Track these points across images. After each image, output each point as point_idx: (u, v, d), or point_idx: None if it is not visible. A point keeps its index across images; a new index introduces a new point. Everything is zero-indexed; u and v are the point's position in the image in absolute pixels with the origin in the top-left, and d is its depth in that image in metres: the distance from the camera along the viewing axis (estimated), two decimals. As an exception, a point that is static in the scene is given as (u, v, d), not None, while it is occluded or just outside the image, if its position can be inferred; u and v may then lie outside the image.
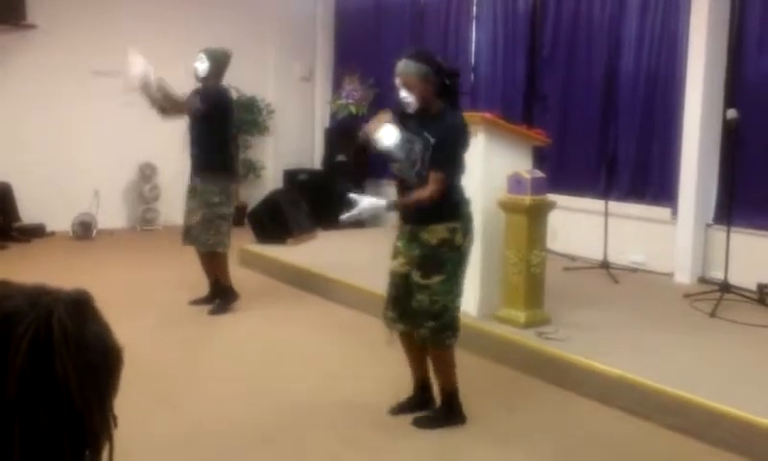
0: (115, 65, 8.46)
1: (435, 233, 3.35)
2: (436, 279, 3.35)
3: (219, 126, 5.23)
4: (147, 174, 8.78)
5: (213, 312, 5.38)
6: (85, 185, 8.29)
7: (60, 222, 8.11)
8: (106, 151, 8.49)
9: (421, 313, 3.40)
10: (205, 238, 5.29)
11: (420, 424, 3.55)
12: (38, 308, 0.90)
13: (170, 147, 8.84)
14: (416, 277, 3.40)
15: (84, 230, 8.20)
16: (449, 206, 3.37)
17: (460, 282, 3.45)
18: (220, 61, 5.30)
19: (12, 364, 0.87)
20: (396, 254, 3.53)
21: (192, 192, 5.40)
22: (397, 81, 3.37)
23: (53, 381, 0.88)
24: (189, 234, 5.37)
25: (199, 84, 5.34)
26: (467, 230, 3.42)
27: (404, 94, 3.35)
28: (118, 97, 8.46)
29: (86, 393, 0.90)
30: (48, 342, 0.88)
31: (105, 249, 7.73)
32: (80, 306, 0.95)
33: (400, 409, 3.66)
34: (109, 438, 0.95)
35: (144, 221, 8.83)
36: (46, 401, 0.87)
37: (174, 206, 8.76)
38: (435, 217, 3.35)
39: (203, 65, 5.24)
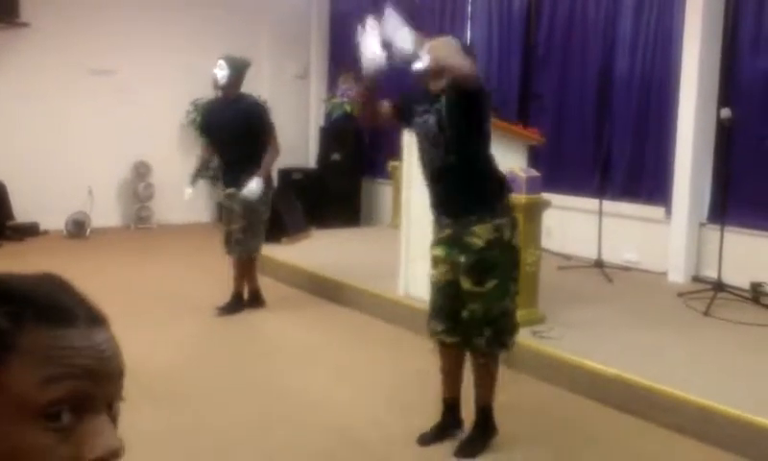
0: (109, 64, 8.49)
1: (480, 235, 3.09)
2: (489, 284, 3.10)
3: (260, 136, 5.30)
4: (141, 172, 8.76)
5: (223, 312, 5.36)
6: (79, 184, 8.27)
7: (53, 220, 8.09)
8: (100, 149, 8.48)
9: (476, 322, 3.14)
10: (252, 244, 5.33)
11: (462, 453, 3.26)
12: None
13: (164, 145, 8.85)
14: (466, 285, 3.13)
15: (78, 228, 8.18)
16: (492, 197, 3.12)
17: (516, 281, 3.22)
18: (240, 69, 5.29)
19: None
20: (435, 263, 3.27)
21: (231, 199, 5.34)
22: (430, 59, 3.05)
23: None
24: (231, 242, 5.36)
25: (218, 92, 5.34)
26: (515, 223, 3.19)
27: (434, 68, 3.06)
28: (115, 95, 8.49)
29: None
30: None
31: (99, 247, 7.71)
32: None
33: (433, 438, 3.38)
34: None
35: (138, 219, 8.81)
36: None
37: (168, 204, 8.76)
38: (477, 215, 3.11)
39: (222, 73, 5.20)
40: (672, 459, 3.35)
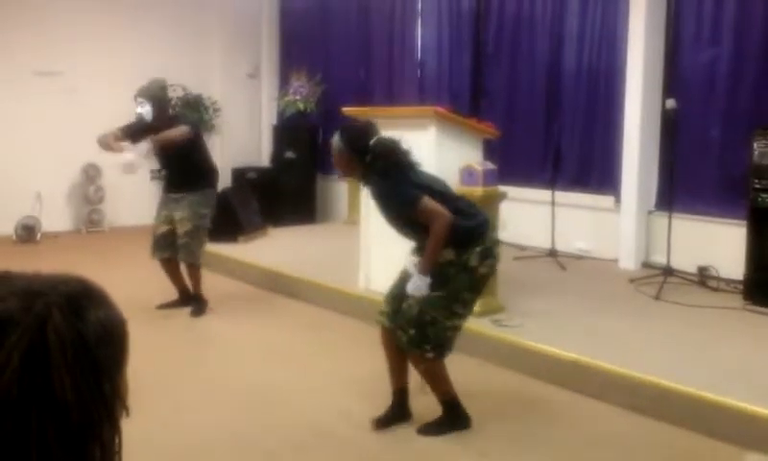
0: (56, 65, 8.32)
1: (443, 256, 3.26)
2: (435, 293, 3.26)
3: (192, 147, 5.26)
4: (91, 175, 8.61)
5: (195, 314, 5.36)
6: (27, 188, 8.10)
7: (2, 225, 7.91)
8: (48, 152, 8.30)
9: (406, 318, 3.32)
10: (196, 249, 5.31)
11: (425, 432, 3.43)
12: (32, 315, 0.85)
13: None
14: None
15: (28, 233, 8.01)
16: (458, 235, 3.25)
17: (462, 303, 3.33)
18: (160, 98, 5.25)
19: (3, 374, 0.82)
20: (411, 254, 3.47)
21: (171, 202, 5.33)
22: None
23: (50, 393, 0.83)
24: (166, 245, 5.33)
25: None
26: (487, 255, 3.31)
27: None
28: (62, 96, 8.32)
29: (86, 397, 0.85)
30: (44, 353, 0.83)
31: (50, 252, 7.56)
32: (76, 302, 0.90)
33: (385, 422, 3.51)
34: (118, 431, 0.92)
35: (90, 223, 8.66)
36: (42, 412, 0.82)
37: (119, 207, 8.64)
38: (455, 251, 3.27)
39: (145, 109, 5.15)
40: (629, 437, 3.48)
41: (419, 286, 3.25)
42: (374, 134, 3.38)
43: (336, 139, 3.40)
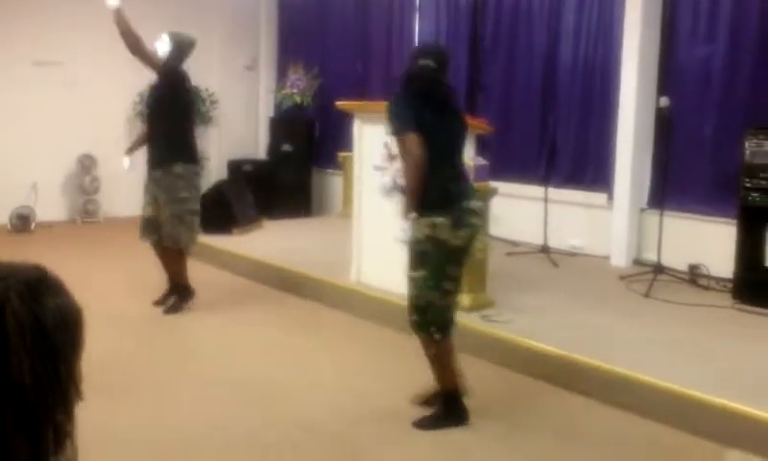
0: (54, 56, 8.32)
1: (420, 228, 3.27)
2: (419, 273, 3.31)
3: (177, 109, 5.04)
4: (86, 165, 8.62)
5: (168, 311, 5.22)
6: (23, 177, 8.11)
7: (-3, 215, 7.92)
8: (44, 142, 8.31)
9: (409, 305, 3.40)
10: (178, 233, 5.07)
11: (418, 424, 3.46)
12: None
13: (109, 138, 8.71)
14: (407, 268, 3.40)
15: (23, 222, 8.03)
16: (431, 199, 3.25)
17: (449, 279, 3.33)
18: (183, 47, 5.11)
19: None
20: None
21: (153, 183, 5.09)
22: None
23: (7, 375, 0.85)
24: (154, 228, 5.12)
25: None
26: (456, 225, 3.28)
27: None
28: (60, 87, 8.32)
29: (43, 380, 0.87)
30: (2, 336, 0.85)
31: (44, 242, 7.57)
32: (34, 288, 0.91)
33: (422, 401, 3.60)
34: (71, 416, 0.93)
35: (85, 213, 8.67)
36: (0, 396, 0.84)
37: (115, 197, 8.65)
38: (420, 211, 3.26)
39: (163, 47, 5.04)
40: (617, 434, 3.50)
41: (402, 229, 3.29)
42: (430, 57, 3.38)
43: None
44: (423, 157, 3.20)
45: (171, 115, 5.05)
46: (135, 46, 4.91)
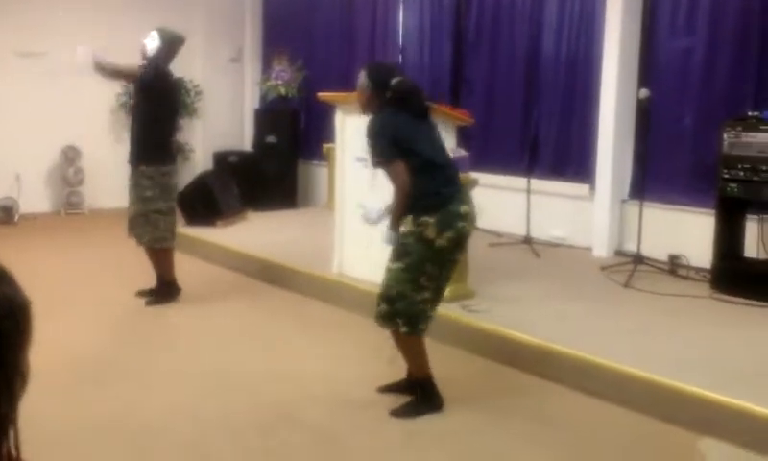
0: (38, 46, 8.27)
1: (406, 224, 3.39)
2: (397, 264, 3.38)
3: (154, 108, 4.99)
4: (70, 157, 8.60)
5: (150, 303, 5.23)
6: (7, 169, 8.08)
7: (-21, 207, 7.88)
8: (27, 133, 8.27)
9: (380, 293, 3.45)
10: (145, 231, 5.09)
11: (397, 413, 3.50)
12: None
13: (94, 129, 8.69)
14: (388, 260, 3.47)
15: (6, 214, 8.00)
16: (418, 201, 3.34)
17: (427, 276, 3.37)
18: (172, 44, 5.08)
19: None
20: None
21: (131, 180, 5.13)
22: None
23: None
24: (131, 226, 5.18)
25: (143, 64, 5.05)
26: (443, 227, 3.34)
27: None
28: (43, 77, 8.28)
29: None
30: None
31: (27, 233, 7.56)
32: None
33: (387, 389, 3.69)
34: (14, 406, 0.93)
35: (69, 205, 8.65)
36: None
37: (99, 189, 8.63)
38: (409, 209, 3.38)
39: (153, 44, 4.99)
40: (592, 423, 3.54)
41: (389, 236, 3.42)
42: (398, 75, 3.57)
43: (362, 74, 3.56)
44: (409, 183, 3.34)
45: (147, 115, 5.02)
46: (119, 77, 5.29)
